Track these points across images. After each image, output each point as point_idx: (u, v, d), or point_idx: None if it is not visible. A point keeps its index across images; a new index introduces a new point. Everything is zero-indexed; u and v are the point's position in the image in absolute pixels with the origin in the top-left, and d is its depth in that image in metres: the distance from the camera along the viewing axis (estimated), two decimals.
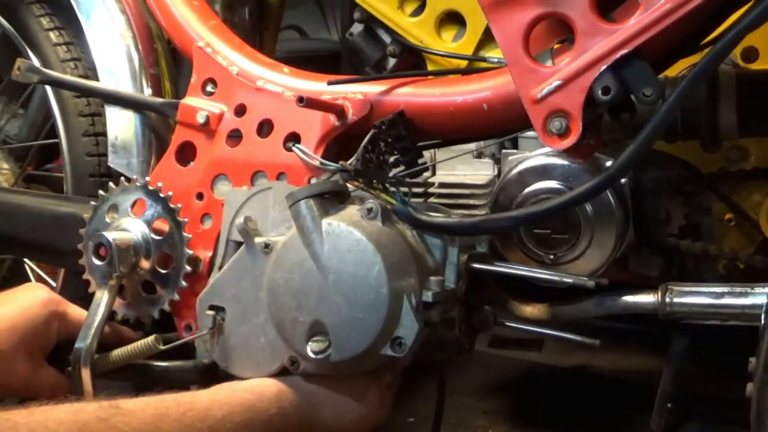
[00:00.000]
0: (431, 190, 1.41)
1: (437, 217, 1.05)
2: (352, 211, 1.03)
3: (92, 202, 1.25)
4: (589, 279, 1.06)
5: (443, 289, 1.02)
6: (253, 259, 1.09)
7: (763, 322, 0.92)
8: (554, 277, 1.08)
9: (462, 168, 1.42)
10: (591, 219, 1.19)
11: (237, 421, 0.99)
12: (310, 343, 1.01)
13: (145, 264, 1.19)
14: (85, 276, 1.21)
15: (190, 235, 1.18)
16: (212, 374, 1.16)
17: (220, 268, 1.15)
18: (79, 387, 1.13)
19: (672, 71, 1.08)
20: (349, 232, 0.99)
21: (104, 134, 1.43)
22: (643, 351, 1.96)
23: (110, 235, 1.16)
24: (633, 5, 0.90)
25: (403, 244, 1.02)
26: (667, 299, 1.10)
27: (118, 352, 1.16)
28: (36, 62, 1.49)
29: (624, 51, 0.89)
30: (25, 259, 1.80)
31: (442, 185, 1.41)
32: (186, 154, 1.26)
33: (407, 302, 0.98)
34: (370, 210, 1.02)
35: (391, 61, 1.49)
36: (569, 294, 1.16)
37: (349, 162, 1.08)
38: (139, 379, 1.22)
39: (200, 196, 1.22)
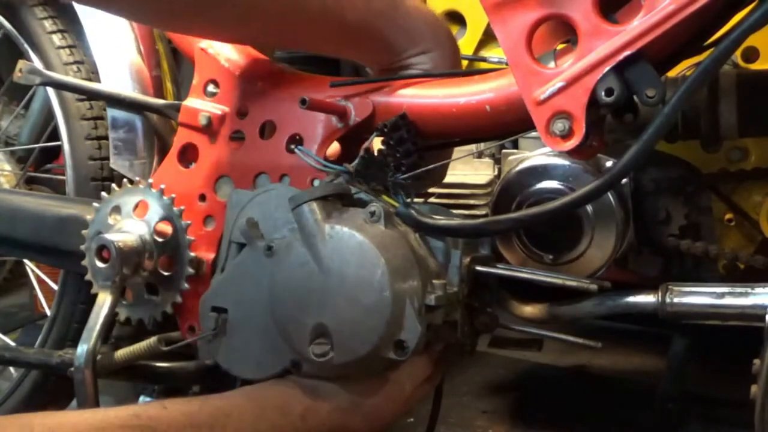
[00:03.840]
0: (431, 190, 1.41)
1: (440, 220, 1.05)
2: (355, 214, 1.03)
3: (95, 204, 1.25)
4: (591, 282, 1.06)
5: (446, 292, 1.02)
6: (255, 261, 1.09)
7: (767, 323, 0.92)
8: (557, 280, 1.08)
9: (462, 168, 1.42)
10: (591, 219, 1.19)
11: None
12: (312, 346, 1.01)
13: (148, 266, 1.19)
14: (88, 278, 1.21)
15: (193, 238, 1.18)
16: (214, 375, 1.16)
17: (223, 269, 1.15)
18: (82, 388, 1.13)
19: (672, 71, 1.08)
20: (352, 236, 0.99)
21: (107, 138, 1.42)
22: (643, 351, 1.97)
23: (113, 237, 1.16)
24: (636, 6, 0.90)
25: (405, 247, 1.02)
26: (668, 299, 1.10)
27: (120, 353, 1.16)
28: (38, 64, 1.48)
29: (627, 52, 0.89)
30: (27, 261, 1.80)
31: (443, 185, 1.41)
32: (188, 155, 1.26)
33: (410, 305, 0.98)
34: (373, 213, 1.02)
35: None
36: (570, 294, 1.16)
37: (351, 164, 1.08)
38: (141, 379, 1.22)
39: (203, 198, 1.22)
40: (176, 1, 1.01)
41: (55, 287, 1.54)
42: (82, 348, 1.14)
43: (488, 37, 1.41)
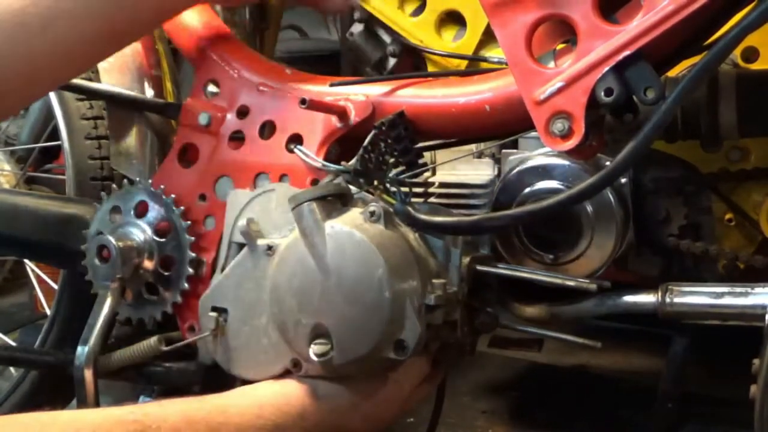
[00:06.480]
0: (431, 190, 1.41)
1: (436, 216, 1.05)
2: (355, 213, 1.03)
3: (95, 204, 1.25)
4: (591, 282, 1.06)
5: (446, 292, 1.02)
6: (255, 261, 1.09)
7: (766, 323, 0.92)
8: (557, 280, 1.08)
9: (462, 168, 1.42)
10: (591, 219, 1.19)
11: None
12: (312, 346, 1.01)
13: (148, 266, 1.19)
14: (88, 278, 1.21)
15: (193, 237, 1.18)
16: (214, 375, 1.16)
17: (223, 269, 1.15)
18: (82, 387, 1.14)
19: (672, 71, 1.08)
20: (352, 235, 0.99)
21: (107, 137, 1.43)
22: (643, 351, 1.97)
23: (113, 237, 1.17)
24: (636, 7, 0.90)
25: (405, 246, 1.02)
26: (667, 299, 1.10)
27: (120, 353, 1.16)
28: None
29: (626, 52, 0.89)
30: (27, 261, 1.81)
31: (443, 185, 1.41)
32: (188, 155, 1.26)
33: (410, 305, 0.98)
34: (372, 213, 1.02)
35: (392, 61, 1.48)
36: (570, 294, 1.16)
37: (350, 163, 1.08)
38: (141, 379, 1.22)
39: (203, 198, 1.22)
40: None
41: (55, 287, 1.54)
42: (82, 348, 1.14)
43: (488, 37, 1.40)
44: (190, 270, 1.18)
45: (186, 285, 1.19)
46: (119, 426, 0.87)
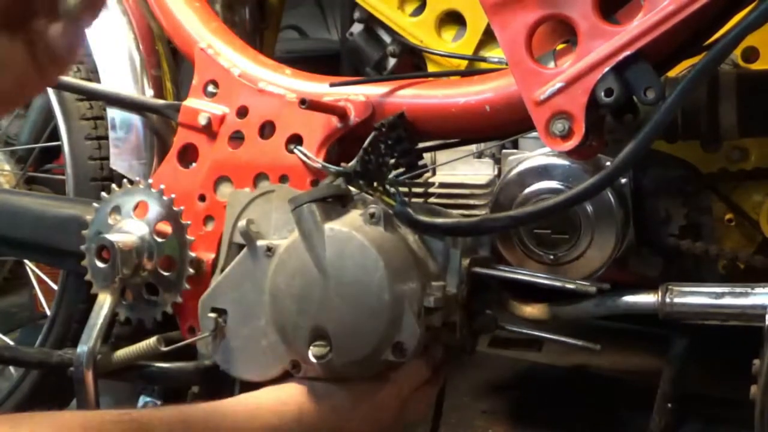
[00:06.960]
0: (431, 190, 1.41)
1: (436, 218, 1.05)
2: (355, 215, 1.03)
3: (95, 204, 1.25)
4: (591, 284, 1.06)
5: (445, 294, 1.02)
6: (255, 262, 1.09)
7: (766, 323, 0.92)
8: (556, 282, 1.08)
9: (462, 168, 1.42)
10: (591, 219, 1.19)
11: None
12: (311, 348, 1.00)
13: (148, 266, 1.19)
14: (88, 278, 1.21)
15: (193, 238, 1.18)
16: (213, 376, 1.16)
17: (223, 270, 1.15)
18: (82, 388, 1.13)
19: (672, 71, 1.08)
20: (351, 237, 0.99)
21: (106, 138, 1.42)
22: (643, 351, 1.96)
23: (113, 237, 1.17)
24: (636, 7, 0.90)
25: (405, 249, 1.02)
26: (667, 299, 1.10)
27: (120, 353, 1.16)
28: None
29: (627, 53, 0.88)
30: (27, 261, 1.80)
31: (443, 185, 1.41)
32: (188, 155, 1.26)
33: (409, 307, 0.98)
34: (372, 215, 1.02)
35: (392, 61, 1.49)
36: (570, 294, 1.16)
37: (349, 164, 1.08)
38: (141, 379, 1.22)
39: (203, 198, 1.22)
40: None
41: (55, 287, 1.54)
42: (82, 348, 1.14)
43: (488, 37, 1.40)
44: (190, 270, 1.18)
45: (186, 285, 1.19)
46: (114, 425, 0.87)
